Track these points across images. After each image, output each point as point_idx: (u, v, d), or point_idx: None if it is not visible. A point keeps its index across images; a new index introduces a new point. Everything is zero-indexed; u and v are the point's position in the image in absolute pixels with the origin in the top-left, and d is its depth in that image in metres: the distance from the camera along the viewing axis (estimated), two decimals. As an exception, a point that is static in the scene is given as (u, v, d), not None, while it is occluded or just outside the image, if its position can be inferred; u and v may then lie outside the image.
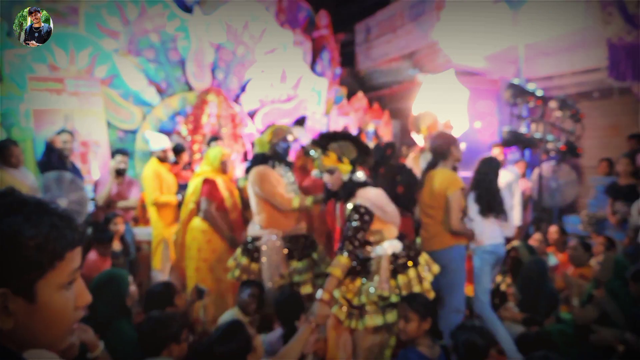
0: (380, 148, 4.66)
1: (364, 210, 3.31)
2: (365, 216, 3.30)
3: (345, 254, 3.21)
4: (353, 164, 3.48)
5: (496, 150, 6.65)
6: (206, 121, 7.22)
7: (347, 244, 3.24)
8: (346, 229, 3.31)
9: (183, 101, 7.49)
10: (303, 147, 4.59)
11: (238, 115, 7.60)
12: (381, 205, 3.39)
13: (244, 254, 4.09)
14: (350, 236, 3.26)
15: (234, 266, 4.11)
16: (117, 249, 4.92)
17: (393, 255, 3.33)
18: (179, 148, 6.19)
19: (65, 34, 6.84)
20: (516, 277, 4.79)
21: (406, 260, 3.33)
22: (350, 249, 3.23)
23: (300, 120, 6.26)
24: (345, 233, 3.29)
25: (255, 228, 4.12)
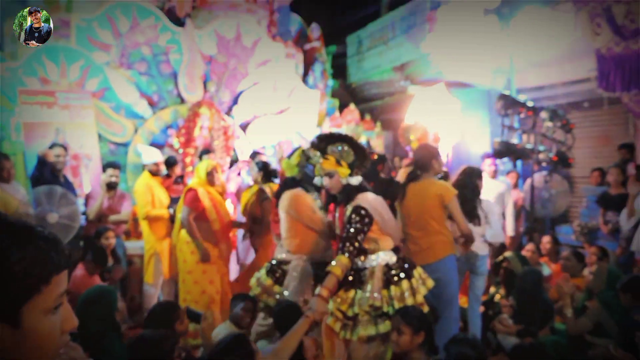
0: (372, 162, 4.66)
1: (364, 212, 3.30)
2: (366, 218, 3.29)
3: (346, 254, 3.20)
4: (351, 167, 3.44)
5: (488, 161, 6.68)
6: (198, 134, 7.20)
7: (348, 246, 3.22)
8: (346, 230, 3.29)
9: (175, 114, 7.48)
10: (303, 151, 4.43)
11: (230, 127, 7.59)
12: (381, 212, 3.38)
13: (269, 275, 3.99)
14: (350, 237, 3.24)
15: (255, 285, 4.02)
16: (109, 263, 4.88)
17: (386, 266, 3.33)
18: (171, 161, 6.17)
19: (57, 47, 6.83)
20: (509, 288, 4.79)
21: (399, 272, 3.32)
22: (351, 250, 3.22)
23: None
24: (346, 234, 3.27)
25: (283, 251, 4.04)
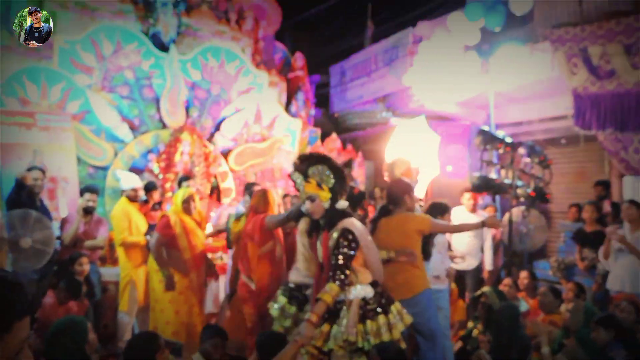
0: (353, 195, 4.66)
1: (351, 237, 3.25)
2: (353, 243, 3.24)
3: (337, 282, 3.14)
4: (332, 191, 3.39)
5: (467, 195, 6.73)
6: (179, 159, 7.17)
7: (339, 274, 3.16)
8: (335, 257, 3.22)
9: (156, 139, 7.43)
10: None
11: (212, 154, 7.57)
12: (366, 239, 3.34)
13: (292, 302, 3.87)
14: (341, 265, 3.18)
15: (279, 314, 3.83)
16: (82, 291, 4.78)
17: (363, 300, 3.27)
18: (150, 186, 6.12)
19: (38, 68, 6.79)
20: (487, 323, 4.78)
21: (376, 306, 3.27)
22: (342, 279, 3.16)
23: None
24: (335, 262, 3.20)
25: (301, 275, 3.94)
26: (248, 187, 6.01)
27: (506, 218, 6.82)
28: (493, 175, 6.58)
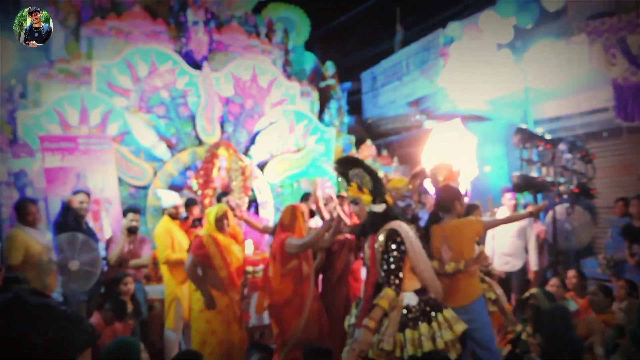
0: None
1: (399, 239, 3.19)
2: (402, 246, 3.19)
3: (392, 287, 3.12)
4: (373, 194, 3.35)
5: (508, 195, 6.61)
6: (216, 175, 7.26)
7: (393, 278, 3.14)
8: (386, 261, 3.18)
9: (193, 156, 7.56)
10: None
11: (248, 167, 7.64)
12: (413, 243, 3.24)
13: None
14: (393, 269, 3.15)
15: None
16: (129, 309, 4.87)
17: (406, 307, 3.19)
18: (190, 202, 6.17)
19: (78, 94, 7.00)
20: (536, 326, 4.67)
21: (419, 315, 3.18)
22: (397, 283, 3.14)
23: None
24: (387, 267, 3.16)
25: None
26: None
27: (550, 216, 6.67)
28: (534, 174, 6.46)
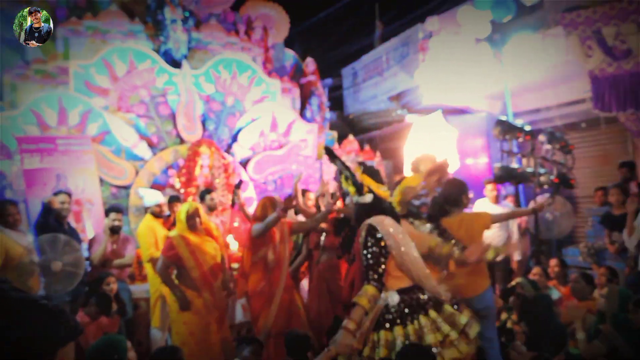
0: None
1: (379, 235, 3.01)
2: (382, 242, 3.00)
3: (372, 283, 2.94)
4: (355, 185, 3.25)
5: (489, 186, 6.68)
6: (199, 173, 7.22)
7: (372, 274, 2.96)
8: (365, 257, 3.02)
9: (175, 154, 7.50)
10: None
11: (231, 165, 7.61)
12: (398, 240, 3.02)
13: None
14: (372, 264, 2.97)
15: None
16: (113, 308, 4.82)
17: (385, 307, 3.01)
18: (173, 199, 6.12)
19: (56, 94, 6.90)
20: (522, 314, 4.73)
21: (395, 316, 2.99)
22: (376, 278, 2.95)
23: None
24: (366, 262, 3.00)
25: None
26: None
27: (531, 206, 6.76)
28: (514, 165, 6.53)
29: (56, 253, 4.65)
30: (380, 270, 2.98)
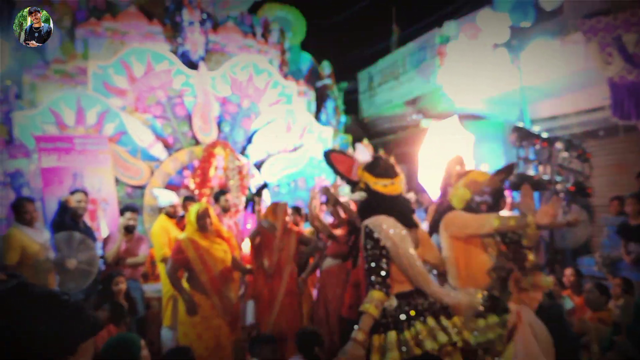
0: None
1: (376, 237, 2.89)
2: (380, 243, 2.88)
3: (377, 286, 2.81)
4: (349, 182, 3.23)
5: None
6: (214, 174, 7.26)
7: (375, 278, 2.84)
8: (366, 260, 2.90)
9: (190, 155, 7.55)
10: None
11: (245, 166, 7.64)
12: (396, 243, 2.88)
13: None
14: (373, 268, 2.86)
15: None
16: (124, 317, 4.81)
17: (383, 311, 2.87)
18: (188, 199, 6.13)
19: (74, 94, 6.98)
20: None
21: (390, 321, 2.87)
22: (380, 281, 2.82)
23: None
24: (368, 266, 2.89)
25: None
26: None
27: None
28: (531, 172, 6.47)
29: (71, 251, 4.69)
30: (382, 273, 2.86)
